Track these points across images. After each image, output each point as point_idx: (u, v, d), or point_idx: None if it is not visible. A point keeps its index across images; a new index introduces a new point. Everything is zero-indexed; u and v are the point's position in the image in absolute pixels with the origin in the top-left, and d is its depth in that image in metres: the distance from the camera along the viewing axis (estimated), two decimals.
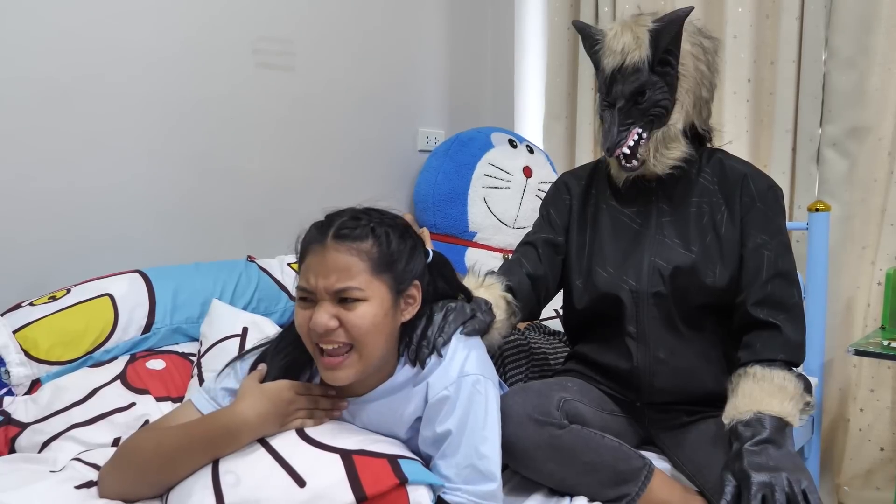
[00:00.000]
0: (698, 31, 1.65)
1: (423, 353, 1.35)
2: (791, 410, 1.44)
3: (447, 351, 1.36)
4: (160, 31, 2.18)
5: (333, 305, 1.27)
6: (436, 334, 1.37)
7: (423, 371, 1.35)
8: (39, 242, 1.95)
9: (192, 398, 1.41)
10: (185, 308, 1.93)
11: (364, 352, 1.29)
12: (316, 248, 1.30)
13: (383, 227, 1.33)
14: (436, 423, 1.33)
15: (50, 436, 1.53)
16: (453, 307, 1.43)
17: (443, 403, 1.32)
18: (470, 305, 1.46)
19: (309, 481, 1.21)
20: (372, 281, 1.28)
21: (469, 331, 1.41)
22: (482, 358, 1.40)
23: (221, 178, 2.35)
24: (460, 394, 1.32)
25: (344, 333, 1.27)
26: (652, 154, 1.61)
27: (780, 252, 1.59)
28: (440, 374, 1.34)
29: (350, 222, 1.31)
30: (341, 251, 1.28)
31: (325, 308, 1.27)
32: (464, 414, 1.31)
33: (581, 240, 1.75)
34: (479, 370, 1.36)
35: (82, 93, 2.02)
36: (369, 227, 1.31)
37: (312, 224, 1.35)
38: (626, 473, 1.49)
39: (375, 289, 1.29)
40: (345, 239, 1.28)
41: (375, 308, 1.28)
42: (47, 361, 1.69)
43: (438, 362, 1.35)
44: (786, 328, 1.53)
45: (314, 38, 2.61)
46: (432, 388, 1.33)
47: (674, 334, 1.64)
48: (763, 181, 1.65)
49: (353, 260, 1.27)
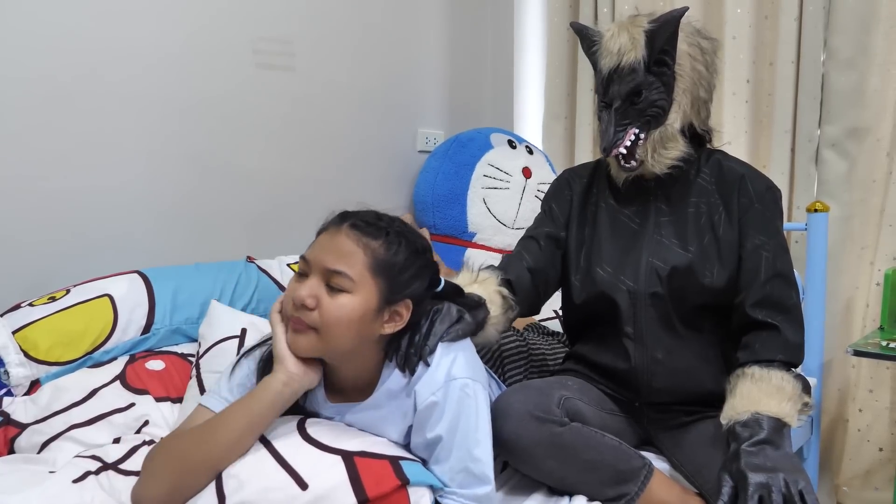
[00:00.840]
0: (696, 31, 1.65)
1: (412, 360, 1.35)
2: (789, 411, 1.44)
3: (433, 358, 1.35)
4: (160, 31, 2.18)
5: (320, 284, 1.29)
6: (421, 341, 1.36)
7: (412, 379, 1.34)
8: (39, 243, 1.96)
9: (202, 402, 1.39)
10: (185, 309, 1.93)
11: (327, 338, 1.29)
12: (330, 229, 1.34)
13: (400, 237, 1.34)
14: (426, 429, 1.32)
15: (49, 436, 1.54)
16: (439, 310, 1.41)
17: (431, 409, 1.31)
18: (457, 307, 1.45)
19: (311, 483, 1.21)
20: (365, 276, 1.29)
21: (452, 337, 1.39)
22: (470, 360, 1.39)
23: (221, 178, 2.35)
24: (448, 399, 1.31)
25: (315, 317, 1.28)
26: (650, 154, 1.62)
27: (777, 253, 1.59)
28: (427, 381, 1.33)
29: (371, 218, 1.35)
30: (350, 238, 1.31)
31: (310, 283, 1.29)
32: (454, 418, 1.31)
33: (580, 236, 1.75)
34: (467, 373, 1.35)
35: (82, 92, 2.02)
36: (385, 230, 1.33)
37: (339, 212, 1.38)
38: (626, 473, 1.49)
39: (365, 286, 1.29)
40: (359, 230, 1.31)
41: (356, 304, 1.28)
42: (47, 362, 1.69)
43: (425, 369, 1.34)
44: (785, 329, 1.53)
45: (314, 39, 2.61)
46: (420, 395, 1.32)
47: (671, 334, 1.64)
48: (761, 182, 1.65)
49: (356, 249, 1.29)
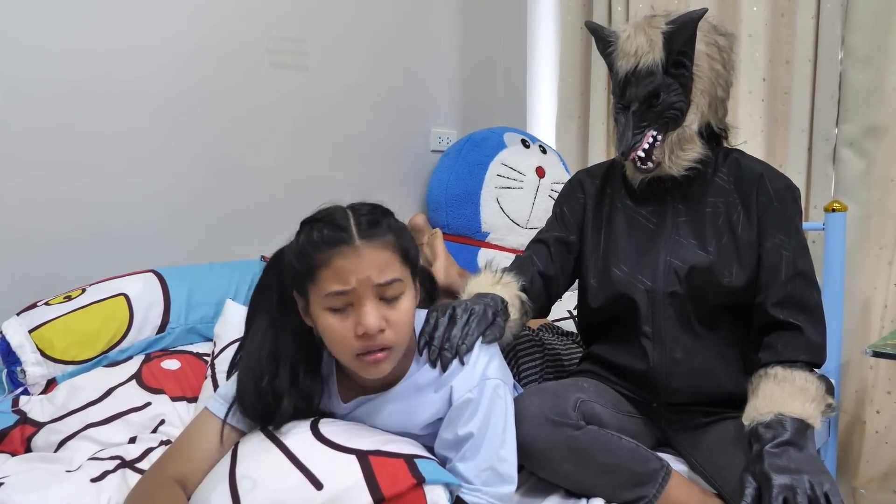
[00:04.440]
0: (713, 28, 1.63)
1: (446, 356, 1.36)
2: (813, 412, 1.43)
3: (470, 356, 1.37)
4: (173, 30, 2.18)
5: (377, 304, 1.25)
6: (459, 340, 1.38)
7: (445, 375, 1.36)
8: (54, 242, 1.97)
9: (208, 406, 1.38)
10: (200, 308, 1.94)
11: (399, 346, 1.30)
12: (345, 250, 1.24)
13: (387, 218, 1.32)
14: (458, 425, 1.33)
15: (66, 435, 1.54)
16: (477, 311, 1.44)
17: (466, 406, 1.32)
18: (491, 308, 1.47)
19: (326, 484, 1.21)
20: (406, 272, 1.29)
21: (490, 339, 1.42)
22: (502, 364, 1.42)
23: (235, 177, 2.36)
24: (483, 397, 1.33)
25: (388, 334, 1.26)
26: (667, 156, 1.60)
27: (798, 252, 1.58)
28: (464, 378, 1.34)
29: (367, 217, 1.28)
30: (374, 246, 1.25)
31: (371, 307, 1.24)
32: (486, 417, 1.32)
33: (595, 239, 1.74)
34: (500, 375, 1.37)
35: (95, 92, 2.03)
36: (384, 221, 1.29)
37: (310, 227, 1.28)
38: (644, 475, 1.48)
39: (409, 279, 1.30)
40: (372, 235, 1.26)
41: (411, 300, 1.30)
42: (63, 361, 1.70)
43: (460, 367, 1.36)
44: (807, 329, 1.52)
45: (327, 39, 2.62)
46: (456, 391, 1.34)
47: (690, 334, 1.63)
48: (780, 181, 1.64)
49: (387, 255, 1.26)
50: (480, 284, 1.59)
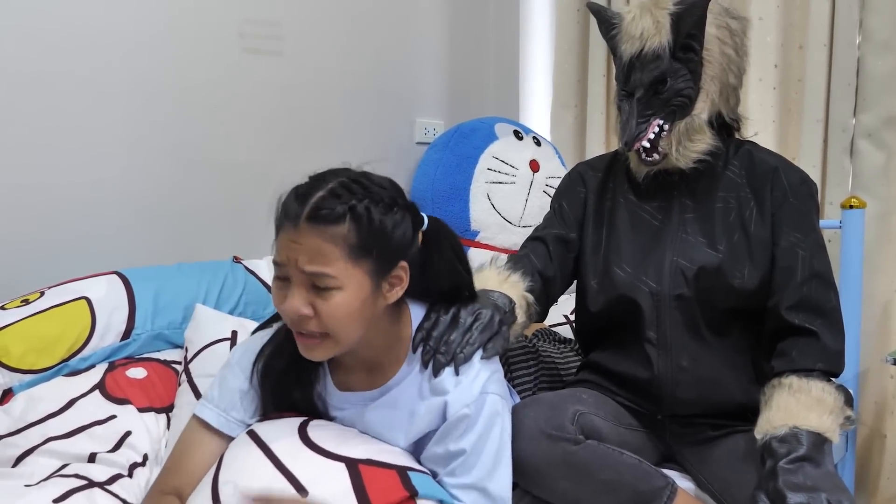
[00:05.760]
0: (724, 10, 1.64)
1: (440, 361, 1.37)
2: (830, 425, 1.43)
3: (470, 367, 1.38)
4: (138, 14, 2.18)
5: (307, 290, 1.27)
6: (458, 347, 1.38)
7: (435, 382, 1.37)
8: (10, 242, 1.96)
9: (196, 412, 1.41)
10: (167, 312, 1.93)
11: (340, 338, 1.30)
12: (288, 226, 1.28)
13: (365, 204, 1.28)
14: (450, 440, 1.34)
15: (25, 449, 1.54)
16: (483, 317, 1.44)
17: (462, 422, 1.34)
18: (498, 316, 1.47)
19: (311, 490, 1.23)
20: (348, 268, 1.27)
21: (490, 354, 1.42)
22: (501, 379, 1.43)
23: (205, 171, 2.36)
24: (481, 413, 1.34)
25: (317, 322, 1.28)
26: (674, 147, 1.61)
27: (814, 251, 1.59)
28: (461, 392, 1.35)
29: (328, 201, 1.27)
30: (315, 235, 1.26)
31: (298, 293, 1.27)
32: (482, 434, 1.33)
33: (597, 237, 1.75)
34: (500, 391, 1.38)
35: (54, 81, 2.02)
36: (348, 207, 1.27)
37: (294, 188, 1.33)
38: (647, 494, 1.49)
39: (352, 276, 1.27)
40: (319, 222, 1.26)
41: (350, 297, 1.27)
42: (20, 370, 1.69)
43: (457, 379, 1.36)
44: (824, 335, 1.53)
45: (304, 21, 2.62)
46: (452, 406, 1.34)
47: (697, 340, 1.64)
48: (796, 175, 1.65)
49: (327, 246, 1.25)
50: (486, 281, 1.58)
